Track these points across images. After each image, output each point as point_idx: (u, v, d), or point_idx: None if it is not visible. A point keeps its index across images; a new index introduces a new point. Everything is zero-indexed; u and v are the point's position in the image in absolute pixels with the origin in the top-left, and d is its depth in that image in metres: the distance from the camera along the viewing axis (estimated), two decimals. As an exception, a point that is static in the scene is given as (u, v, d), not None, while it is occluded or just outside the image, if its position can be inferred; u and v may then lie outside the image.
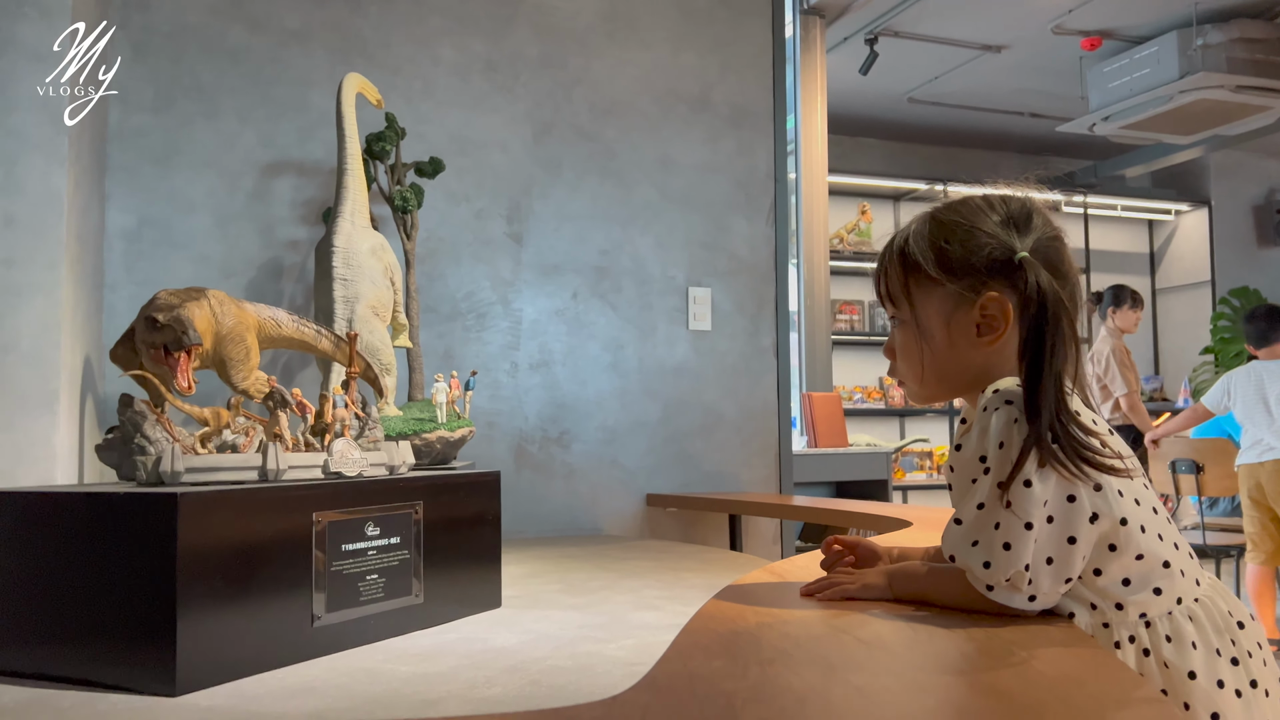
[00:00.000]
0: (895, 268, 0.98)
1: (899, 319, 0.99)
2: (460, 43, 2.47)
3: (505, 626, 1.28)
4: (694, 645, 0.73)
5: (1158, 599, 0.85)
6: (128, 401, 1.15)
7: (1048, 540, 0.81)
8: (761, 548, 2.72)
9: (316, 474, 1.19)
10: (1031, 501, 0.80)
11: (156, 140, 2.17)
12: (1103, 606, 0.86)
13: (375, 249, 1.84)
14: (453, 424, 1.72)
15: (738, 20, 2.80)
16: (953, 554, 0.85)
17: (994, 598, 0.83)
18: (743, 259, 2.76)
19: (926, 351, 0.95)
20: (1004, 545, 0.81)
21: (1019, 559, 0.81)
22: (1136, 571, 0.85)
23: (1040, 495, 0.81)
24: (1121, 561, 0.84)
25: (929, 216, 0.98)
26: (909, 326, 0.97)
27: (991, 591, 0.83)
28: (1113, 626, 0.85)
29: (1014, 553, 0.81)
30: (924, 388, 0.98)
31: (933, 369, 0.96)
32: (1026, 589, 0.82)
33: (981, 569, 0.82)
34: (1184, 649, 0.83)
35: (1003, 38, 5.18)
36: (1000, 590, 0.83)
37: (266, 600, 1.06)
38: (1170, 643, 0.84)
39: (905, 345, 0.98)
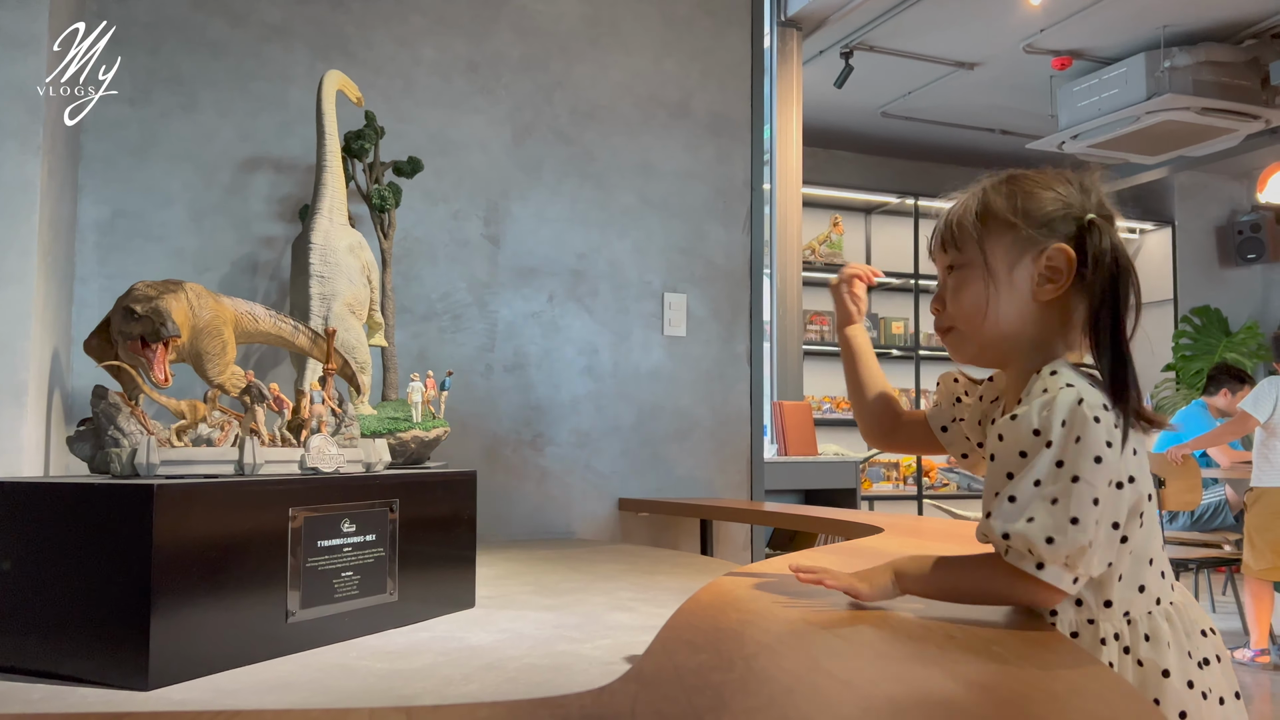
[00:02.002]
0: (969, 212, 0.97)
1: (962, 263, 0.96)
2: (442, 43, 2.46)
3: (480, 626, 1.27)
4: (678, 640, 0.73)
5: (1140, 596, 0.87)
6: (101, 393, 1.14)
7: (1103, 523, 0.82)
8: (732, 553, 2.73)
9: (293, 469, 1.18)
10: (1099, 478, 0.81)
11: (133, 132, 2.14)
12: (1090, 602, 0.87)
13: (353, 247, 1.84)
14: (428, 424, 1.71)
15: (719, 29, 2.81)
16: (1005, 531, 0.82)
17: (1044, 576, 0.81)
18: (719, 266, 2.78)
19: (991, 295, 0.94)
20: (1071, 520, 0.80)
21: (1084, 533, 0.80)
22: (1129, 567, 0.86)
23: (1105, 474, 0.81)
24: (1124, 555, 0.86)
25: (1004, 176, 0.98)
26: (974, 270, 0.95)
27: (1041, 570, 0.81)
28: (1098, 623, 0.86)
29: (1081, 527, 0.80)
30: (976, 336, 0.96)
31: (992, 316, 0.95)
32: (1079, 568, 0.81)
33: (1044, 544, 0.80)
34: (1160, 648, 0.85)
35: (975, 55, 5.26)
36: (1051, 569, 0.81)
37: (241, 595, 1.05)
38: (1148, 641, 0.85)
39: (964, 290, 0.96)
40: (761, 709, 0.55)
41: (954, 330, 0.99)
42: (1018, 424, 0.85)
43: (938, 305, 1.01)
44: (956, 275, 0.98)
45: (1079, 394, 0.83)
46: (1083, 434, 0.81)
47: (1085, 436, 0.81)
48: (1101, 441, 0.81)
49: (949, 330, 1.00)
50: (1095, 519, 0.81)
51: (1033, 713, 0.56)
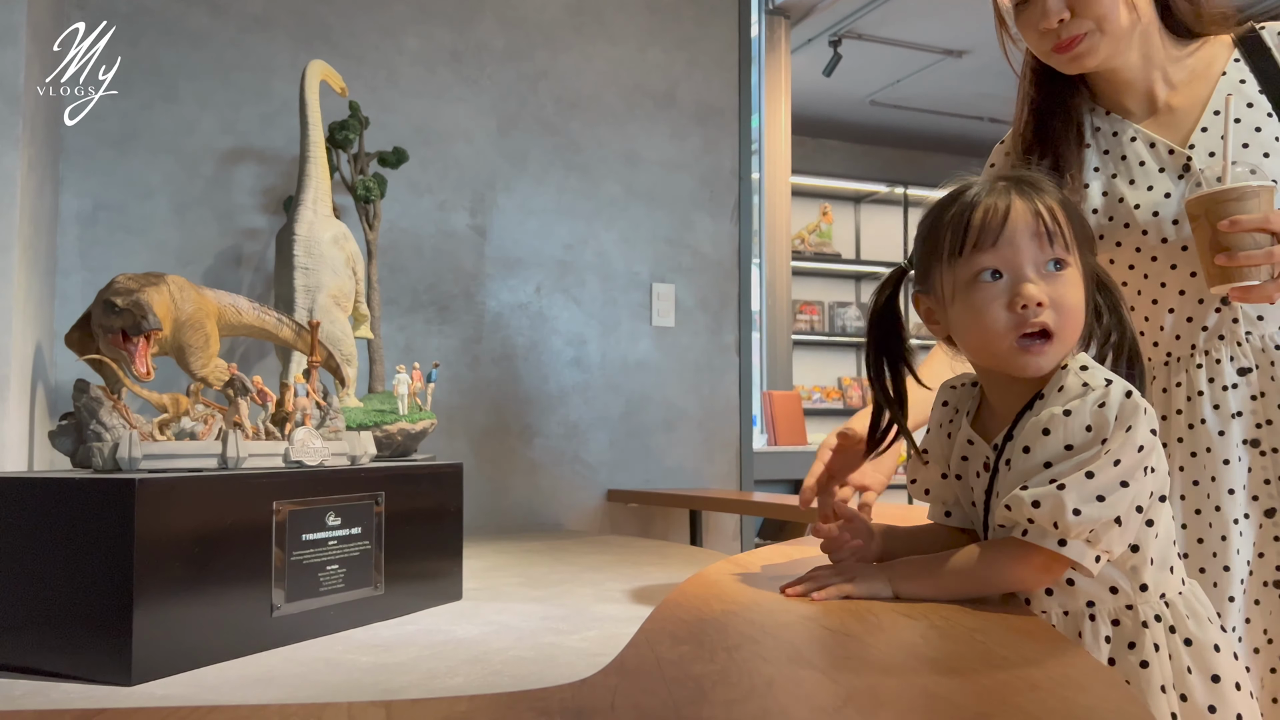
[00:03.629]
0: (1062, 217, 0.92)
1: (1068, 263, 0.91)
2: (426, 32, 2.45)
3: (466, 618, 1.27)
4: (661, 632, 0.73)
5: (1171, 577, 0.88)
6: (83, 387, 1.13)
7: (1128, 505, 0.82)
8: (722, 543, 2.73)
9: (277, 462, 1.18)
10: (1137, 462, 0.82)
11: (113, 124, 2.13)
12: (1126, 588, 0.87)
13: (337, 238, 1.82)
14: (414, 416, 1.70)
15: (704, 18, 2.80)
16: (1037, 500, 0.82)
17: (1066, 552, 0.81)
18: (706, 256, 2.77)
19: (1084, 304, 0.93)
20: (1098, 497, 0.81)
21: (1112, 509, 0.81)
22: (1158, 550, 0.87)
23: (1144, 460, 0.83)
24: (1152, 538, 0.87)
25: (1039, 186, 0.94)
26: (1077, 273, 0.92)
27: (1064, 547, 0.81)
28: (1137, 608, 0.86)
29: (1108, 504, 0.81)
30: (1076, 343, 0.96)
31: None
32: (1102, 545, 0.82)
33: (1071, 517, 0.80)
34: (1202, 623, 0.86)
35: (964, 43, 5.25)
36: (1075, 545, 0.81)
37: (225, 589, 1.04)
38: (1190, 619, 0.86)
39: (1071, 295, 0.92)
40: (741, 700, 0.55)
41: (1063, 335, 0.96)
42: (1070, 420, 0.84)
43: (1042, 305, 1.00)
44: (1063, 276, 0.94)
45: (1125, 387, 0.84)
46: (1134, 424, 0.83)
47: (1135, 426, 0.83)
48: (1147, 431, 0.83)
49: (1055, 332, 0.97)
50: (1126, 499, 0.81)
51: (1014, 702, 0.56)
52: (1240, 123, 1.17)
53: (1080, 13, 1.15)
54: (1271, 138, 1.16)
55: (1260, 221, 1.03)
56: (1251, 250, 1.03)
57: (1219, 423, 1.18)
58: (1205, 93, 1.21)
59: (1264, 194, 1.05)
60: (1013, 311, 0.87)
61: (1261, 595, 1.15)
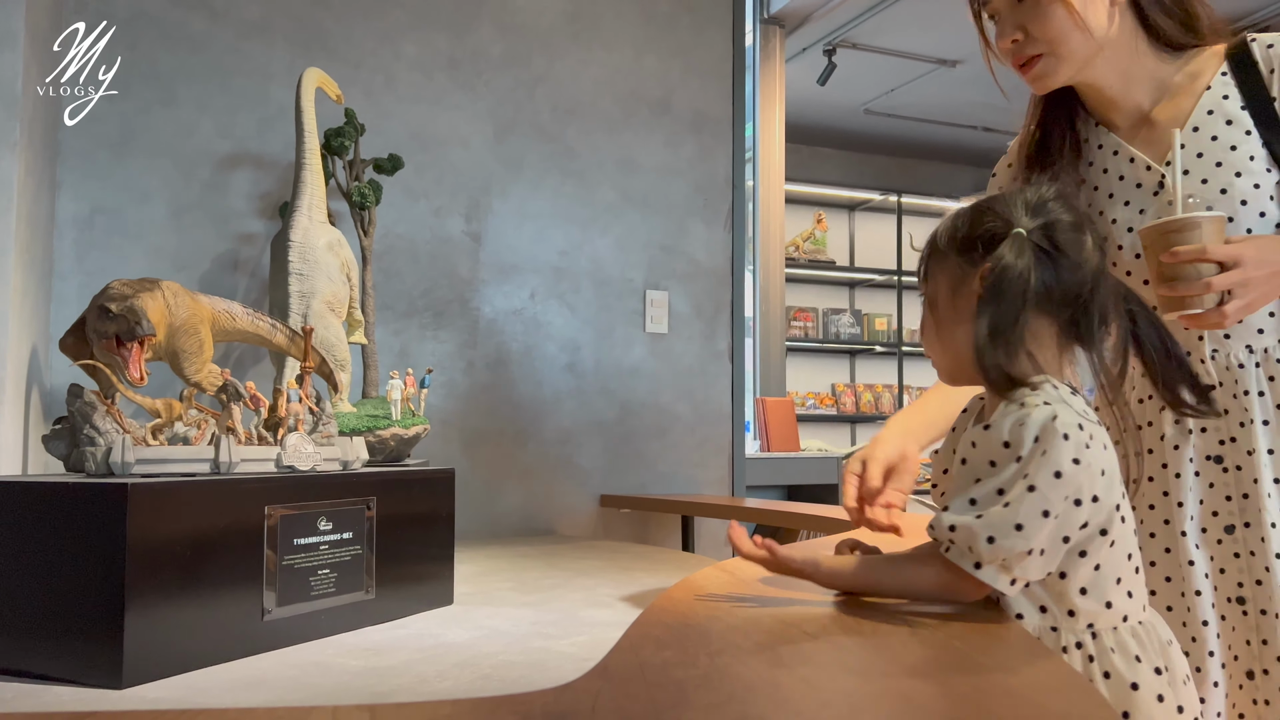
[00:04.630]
0: (925, 250, 1.00)
1: (925, 296, 1.00)
2: (423, 38, 2.46)
3: (457, 623, 1.28)
4: (645, 637, 0.74)
5: (1107, 612, 0.87)
6: (77, 392, 1.14)
7: (1050, 535, 0.83)
8: (713, 549, 2.74)
9: (269, 467, 1.19)
10: (1057, 492, 0.82)
11: (111, 128, 2.14)
12: (1054, 610, 0.88)
13: (332, 244, 1.84)
14: (407, 421, 1.71)
15: (699, 26, 2.82)
16: (952, 524, 0.84)
17: (980, 575, 0.83)
18: (700, 263, 2.79)
19: (936, 323, 0.97)
20: (1016, 526, 0.81)
21: (1027, 541, 0.81)
22: (1093, 581, 0.87)
23: (1064, 489, 0.82)
24: (1086, 569, 0.87)
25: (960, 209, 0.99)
26: (926, 303, 0.99)
27: (979, 570, 0.83)
28: (1061, 631, 0.87)
29: (1024, 534, 0.81)
30: (941, 361, 1.00)
31: (940, 343, 0.97)
32: (1016, 572, 0.83)
33: (984, 544, 0.82)
34: (1129, 661, 0.86)
35: (957, 52, 5.28)
36: (989, 570, 0.83)
37: (217, 593, 1.05)
38: (1115, 653, 0.86)
39: (923, 322, 1.00)
40: (721, 705, 0.56)
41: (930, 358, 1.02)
42: (990, 434, 0.86)
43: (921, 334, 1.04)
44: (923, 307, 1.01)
45: (1054, 411, 0.84)
46: (1049, 448, 0.82)
47: (1050, 450, 0.82)
48: (1067, 458, 0.82)
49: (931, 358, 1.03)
50: (1044, 530, 0.82)
51: (989, 708, 0.58)
52: (1217, 140, 1.18)
53: (1032, 34, 1.16)
54: (1246, 156, 1.16)
55: (1198, 253, 1.05)
56: (1191, 280, 1.05)
57: (1176, 436, 1.19)
58: (1189, 107, 1.21)
59: (1207, 224, 1.07)
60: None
61: (1226, 611, 1.15)
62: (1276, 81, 1.16)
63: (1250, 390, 1.16)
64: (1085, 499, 0.84)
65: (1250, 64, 1.17)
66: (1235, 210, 1.15)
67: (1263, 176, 1.15)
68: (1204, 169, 1.18)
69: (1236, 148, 1.17)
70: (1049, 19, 1.15)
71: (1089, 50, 1.18)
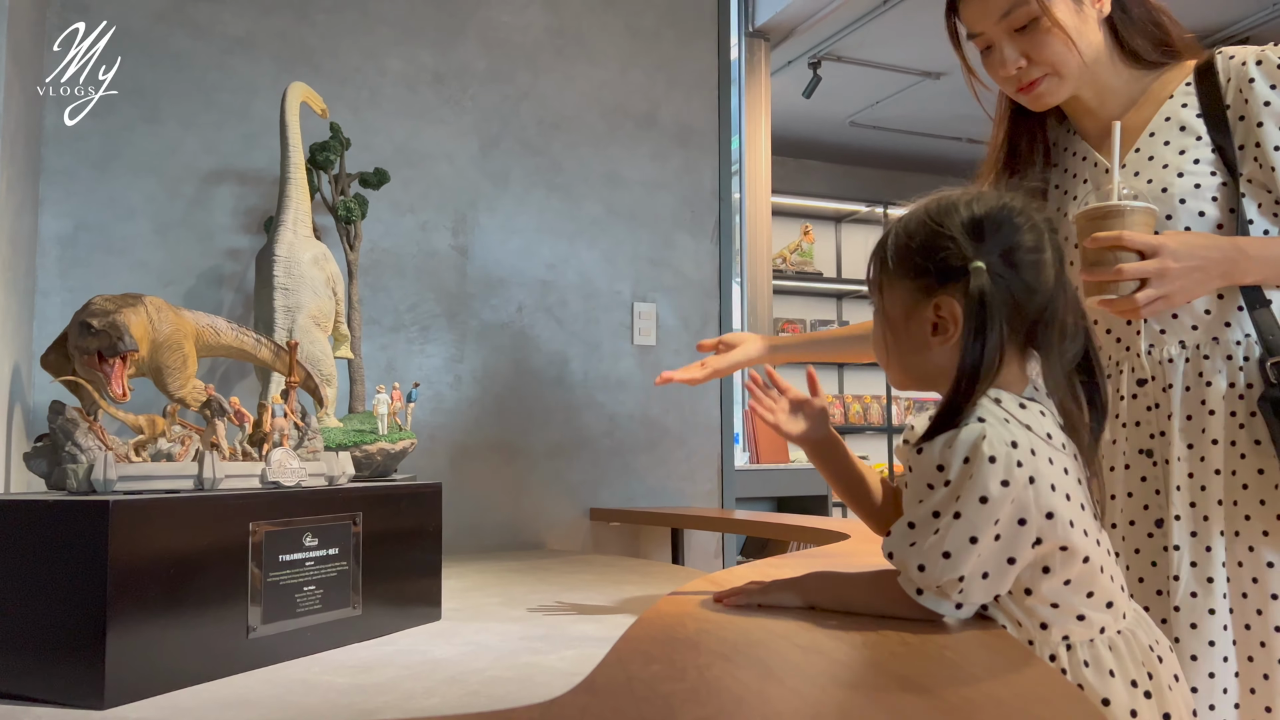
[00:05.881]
0: (874, 260, 0.99)
1: (875, 306, 1.00)
2: (408, 54, 2.46)
3: (445, 639, 1.27)
4: (633, 650, 0.74)
5: (1080, 624, 0.87)
6: (59, 409, 1.13)
7: (990, 557, 0.82)
8: (703, 561, 2.74)
9: (254, 483, 1.18)
10: (983, 517, 0.81)
11: (95, 144, 2.13)
12: (1028, 625, 0.88)
13: (317, 259, 1.83)
14: (394, 436, 1.70)
15: (684, 41, 2.83)
16: (891, 552, 0.86)
17: (922, 601, 0.84)
18: (687, 275, 2.79)
19: (891, 342, 0.97)
20: (944, 554, 0.82)
21: (955, 569, 0.82)
22: (1063, 596, 0.86)
23: (993, 513, 0.81)
24: (1051, 585, 0.86)
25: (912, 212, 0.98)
26: (879, 315, 0.99)
27: (920, 595, 0.85)
28: (1036, 644, 0.87)
29: (952, 562, 0.82)
30: (892, 375, 1.00)
31: (897, 360, 0.98)
32: (956, 597, 0.84)
33: (916, 571, 0.84)
34: (1102, 675, 0.85)
35: (941, 65, 5.31)
36: (929, 596, 0.84)
37: (201, 611, 1.04)
38: (1088, 667, 0.86)
39: (875, 333, 1.00)
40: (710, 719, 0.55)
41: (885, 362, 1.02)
42: (923, 459, 0.86)
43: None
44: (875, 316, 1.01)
45: (983, 430, 0.83)
46: (976, 472, 0.82)
47: (977, 475, 0.82)
48: (994, 481, 0.81)
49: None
50: (976, 554, 0.81)
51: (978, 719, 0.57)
52: (1169, 145, 1.23)
53: (1035, 60, 1.24)
54: (1191, 160, 1.21)
55: (1114, 239, 1.08)
56: (1108, 266, 1.08)
57: (1111, 431, 1.25)
58: (1151, 115, 1.27)
59: (1132, 214, 1.10)
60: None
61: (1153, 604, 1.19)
62: (1231, 90, 1.21)
63: (1175, 385, 1.20)
64: (1032, 517, 0.83)
65: (1213, 75, 1.23)
66: (1174, 208, 1.20)
67: (1205, 179, 1.20)
68: (1151, 170, 1.24)
69: (1185, 151, 1.22)
70: (1049, 45, 1.23)
71: (1084, 68, 1.25)
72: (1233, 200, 1.18)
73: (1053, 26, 1.21)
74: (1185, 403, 1.20)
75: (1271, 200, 1.18)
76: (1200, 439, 1.19)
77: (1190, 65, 1.27)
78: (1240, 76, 1.19)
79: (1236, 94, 1.20)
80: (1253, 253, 1.13)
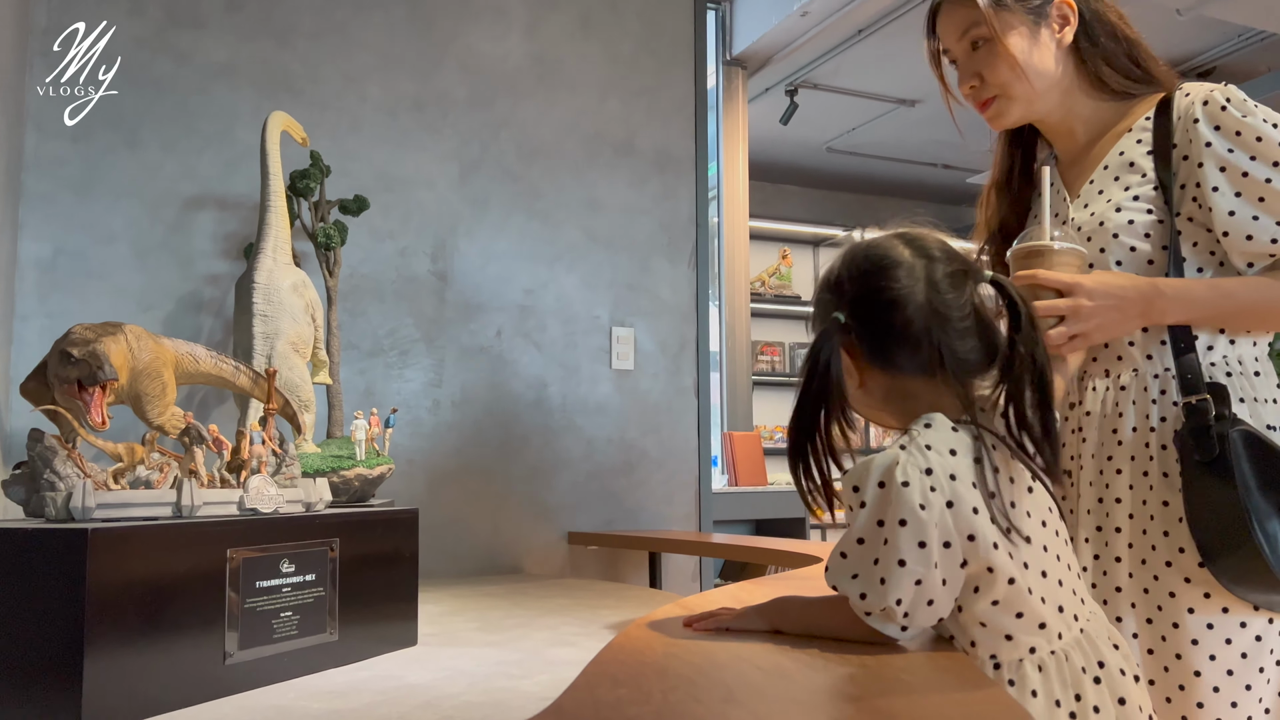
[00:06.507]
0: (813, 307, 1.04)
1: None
2: (388, 81, 2.49)
3: (420, 664, 1.28)
4: (602, 674, 0.76)
5: (1008, 644, 0.90)
6: (38, 436, 1.14)
7: (927, 580, 0.85)
8: (681, 585, 2.75)
9: (232, 510, 1.19)
10: (906, 540, 0.84)
11: (75, 169, 2.14)
12: (960, 642, 0.91)
13: (297, 285, 1.85)
14: (371, 461, 1.72)
15: (662, 69, 2.88)
16: (834, 584, 0.90)
17: (871, 624, 0.87)
18: (665, 300, 2.82)
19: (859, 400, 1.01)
20: (880, 580, 0.85)
21: (891, 593, 0.84)
22: (992, 617, 0.89)
23: (915, 535, 0.84)
24: (981, 605, 0.89)
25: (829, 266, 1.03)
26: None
27: (869, 618, 0.88)
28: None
29: (888, 586, 0.84)
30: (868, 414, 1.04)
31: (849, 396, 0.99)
32: (900, 620, 0.86)
33: (859, 599, 0.87)
34: (1024, 696, 0.88)
35: (916, 93, 5.40)
36: (876, 619, 0.87)
37: (178, 638, 1.05)
38: (1013, 686, 0.88)
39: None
40: (672, 741, 0.57)
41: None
42: (844, 481, 0.90)
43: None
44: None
45: (896, 457, 0.86)
46: (893, 498, 0.85)
47: (894, 500, 0.85)
48: (910, 505, 0.84)
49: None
50: (909, 577, 0.84)
51: (931, 738, 0.60)
52: (1118, 180, 1.28)
53: (986, 79, 1.31)
54: (1131, 196, 1.24)
55: (1029, 277, 1.15)
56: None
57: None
58: (1110, 146, 1.31)
59: (1056, 254, 1.15)
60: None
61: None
62: (1180, 129, 1.23)
63: (1093, 412, 1.26)
64: (954, 540, 0.85)
65: (1169, 111, 1.26)
66: (1108, 242, 1.23)
67: (1140, 216, 1.23)
68: (1096, 203, 1.28)
69: (1129, 188, 1.26)
70: (997, 67, 1.28)
71: (1034, 92, 1.30)
72: (1166, 238, 1.20)
73: (1002, 50, 1.26)
74: (1100, 428, 1.25)
75: (1211, 239, 1.21)
76: (1107, 466, 1.23)
77: (1158, 99, 1.29)
78: (1188, 115, 1.22)
79: (1184, 133, 1.22)
80: (1170, 293, 1.17)
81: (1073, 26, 1.28)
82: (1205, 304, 1.18)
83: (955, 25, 1.30)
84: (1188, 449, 1.14)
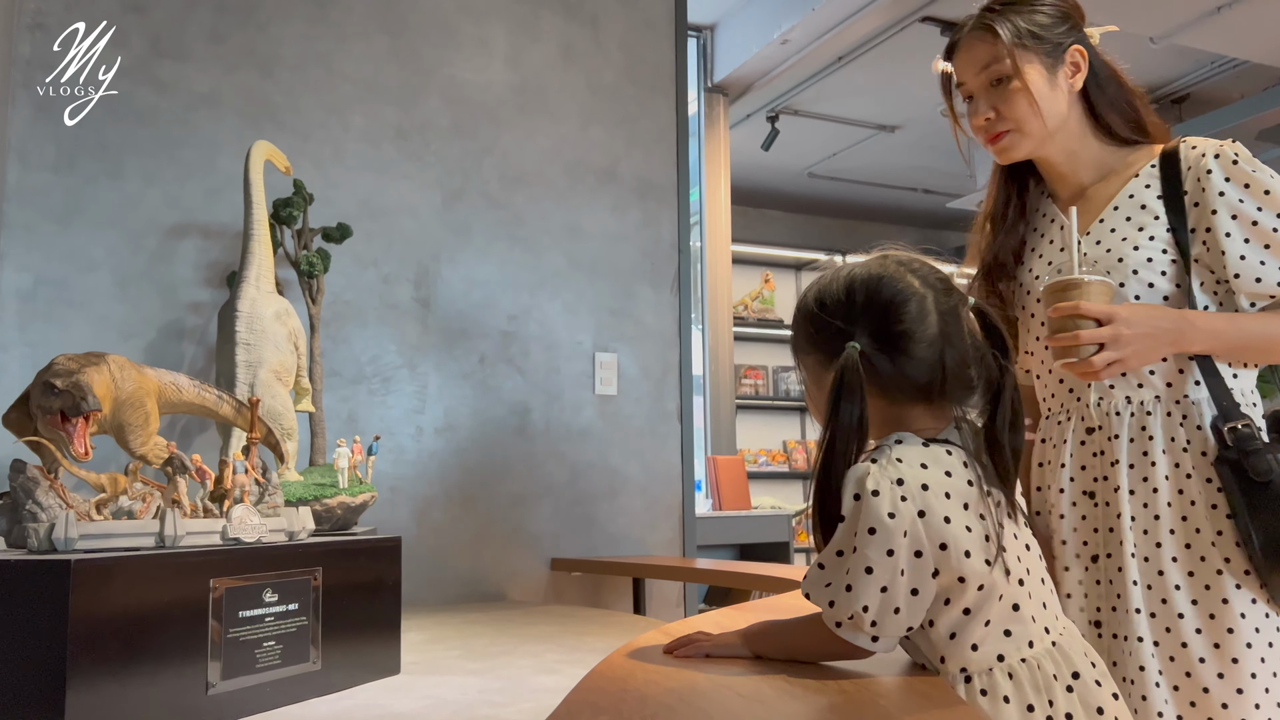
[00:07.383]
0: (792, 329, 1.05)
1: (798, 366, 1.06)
2: (371, 110, 2.51)
3: (404, 693, 1.28)
4: (583, 703, 0.76)
5: (976, 655, 0.91)
6: (20, 467, 1.14)
7: (895, 589, 0.87)
8: (664, 610, 2.75)
9: (215, 540, 1.19)
10: (875, 548, 0.86)
11: (56, 199, 2.14)
12: (930, 658, 0.93)
13: (279, 314, 1.85)
14: (354, 489, 1.72)
15: (644, 97, 2.91)
16: (807, 592, 0.92)
17: (842, 634, 0.89)
18: (648, 325, 2.84)
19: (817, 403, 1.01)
20: (846, 587, 0.88)
21: (859, 600, 0.87)
22: (961, 625, 0.91)
23: (884, 544, 0.87)
24: (952, 614, 0.91)
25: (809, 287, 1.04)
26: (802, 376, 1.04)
27: (840, 629, 0.89)
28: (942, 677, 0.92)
29: (855, 594, 0.87)
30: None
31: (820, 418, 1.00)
32: (869, 630, 0.88)
33: (828, 607, 0.89)
34: (996, 704, 0.90)
35: (896, 118, 5.47)
36: (846, 628, 0.89)
37: (160, 668, 1.05)
38: (985, 696, 0.90)
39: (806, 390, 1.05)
40: (651, 767, 0.58)
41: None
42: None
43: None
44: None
45: (868, 469, 0.90)
46: (864, 507, 0.88)
47: (865, 509, 0.88)
48: (879, 513, 0.87)
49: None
50: (876, 584, 0.87)
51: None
52: (1130, 220, 1.35)
53: (1003, 114, 1.37)
54: (1147, 236, 1.33)
55: (1071, 309, 1.22)
56: (1069, 331, 1.21)
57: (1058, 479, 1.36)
58: (1118, 189, 1.39)
59: (1090, 286, 1.23)
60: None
61: (1087, 633, 1.28)
62: (1190, 178, 1.33)
63: (1121, 435, 1.31)
64: (926, 549, 0.88)
65: (1175, 161, 1.35)
66: (1127, 277, 1.31)
67: (1157, 254, 1.32)
68: (1111, 241, 1.35)
69: (1143, 228, 1.34)
70: (1015, 103, 1.35)
71: (1046, 132, 1.37)
72: (1180, 277, 1.30)
73: (1022, 87, 1.33)
74: (1130, 452, 1.31)
75: (1214, 280, 1.31)
76: (1142, 486, 1.29)
77: (1158, 149, 1.39)
78: (1199, 167, 1.32)
79: (1195, 182, 1.32)
80: (1200, 325, 1.26)
81: (1083, 74, 1.36)
82: (1227, 336, 1.27)
83: (976, 60, 1.37)
84: (1240, 471, 1.22)
